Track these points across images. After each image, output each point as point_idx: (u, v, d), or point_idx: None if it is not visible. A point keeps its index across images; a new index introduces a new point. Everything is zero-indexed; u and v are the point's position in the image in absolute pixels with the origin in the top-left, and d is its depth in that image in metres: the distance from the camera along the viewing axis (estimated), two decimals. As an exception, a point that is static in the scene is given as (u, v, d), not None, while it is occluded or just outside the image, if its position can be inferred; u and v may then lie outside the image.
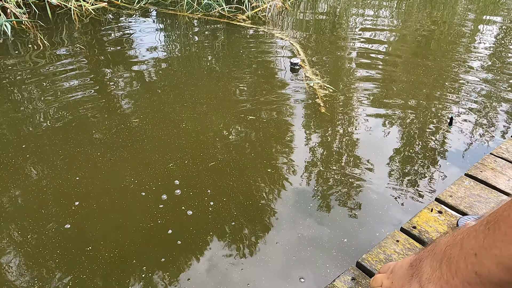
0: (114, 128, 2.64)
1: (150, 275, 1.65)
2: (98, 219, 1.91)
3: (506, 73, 3.79)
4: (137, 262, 1.70)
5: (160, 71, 3.63)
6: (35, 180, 2.16)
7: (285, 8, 5.66)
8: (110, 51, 3.97)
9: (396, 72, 3.72)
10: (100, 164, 2.29)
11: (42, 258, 1.71)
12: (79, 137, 2.54)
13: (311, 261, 1.71)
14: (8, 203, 2.01)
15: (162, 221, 1.90)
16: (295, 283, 1.62)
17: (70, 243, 1.78)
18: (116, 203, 2.01)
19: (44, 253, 1.73)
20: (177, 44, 4.43)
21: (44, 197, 2.04)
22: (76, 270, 1.65)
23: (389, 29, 5.12)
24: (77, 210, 1.95)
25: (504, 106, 3.17)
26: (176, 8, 5.35)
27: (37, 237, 1.81)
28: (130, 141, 2.51)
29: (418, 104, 3.12)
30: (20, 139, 2.51)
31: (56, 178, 2.17)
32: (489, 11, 6.30)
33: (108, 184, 2.14)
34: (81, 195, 2.05)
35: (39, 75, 3.37)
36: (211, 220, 1.92)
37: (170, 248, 1.77)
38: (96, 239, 1.80)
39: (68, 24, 4.62)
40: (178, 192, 2.07)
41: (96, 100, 3.01)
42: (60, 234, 1.82)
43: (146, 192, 2.08)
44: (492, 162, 1.77)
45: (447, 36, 4.91)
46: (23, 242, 1.79)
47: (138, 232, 1.84)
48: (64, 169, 2.24)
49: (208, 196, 2.05)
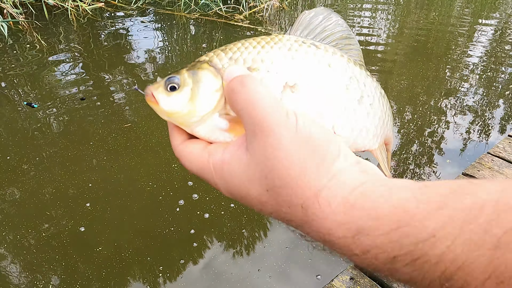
0: (114, 133, 2.63)
1: (168, 275, 1.65)
2: (110, 222, 1.90)
3: (503, 73, 3.80)
4: (153, 262, 1.70)
5: (158, 71, 3.62)
6: (42, 183, 2.15)
7: (283, 8, 5.66)
8: (107, 51, 3.96)
9: (393, 72, 3.72)
10: (108, 167, 2.28)
11: (61, 258, 1.70)
12: (80, 139, 2.53)
13: (310, 261, 1.71)
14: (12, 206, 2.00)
15: (178, 222, 1.89)
16: (295, 282, 1.62)
17: (82, 245, 1.77)
18: (128, 206, 2.00)
19: (65, 253, 1.73)
20: (174, 44, 4.43)
21: (57, 202, 2.03)
22: (88, 270, 1.65)
23: (386, 28, 5.13)
24: (92, 212, 1.95)
25: (500, 106, 3.18)
26: (173, 8, 5.34)
27: (58, 239, 1.81)
28: (132, 142, 2.50)
29: (415, 104, 3.12)
30: (20, 141, 2.50)
31: (66, 182, 2.16)
32: (486, 11, 6.32)
33: (121, 187, 2.14)
34: (92, 199, 2.04)
35: (37, 75, 3.36)
36: (226, 221, 1.92)
37: (188, 249, 1.77)
38: (110, 241, 1.80)
39: (65, 25, 4.61)
40: (196, 196, 2.07)
41: (94, 100, 3.00)
42: (75, 236, 1.81)
43: (161, 193, 2.07)
44: (489, 161, 1.78)
45: (445, 36, 4.93)
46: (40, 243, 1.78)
47: (158, 235, 1.84)
48: (75, 171, 2.23)
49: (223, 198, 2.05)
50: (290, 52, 0.42)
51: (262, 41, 0.43)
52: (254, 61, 0.41)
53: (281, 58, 0.41)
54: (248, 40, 0.44)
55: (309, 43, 0.43)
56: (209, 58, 0.42)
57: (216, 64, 0.41)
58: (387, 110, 0.50)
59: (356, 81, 0.44)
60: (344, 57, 0.45)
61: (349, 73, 0.44)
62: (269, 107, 0.34)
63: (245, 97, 0.34)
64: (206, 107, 0.39)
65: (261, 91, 0.34)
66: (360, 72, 0.46)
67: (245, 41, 0.44)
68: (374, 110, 0.46)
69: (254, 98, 0.34)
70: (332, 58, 0.43)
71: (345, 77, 0.43)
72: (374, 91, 0.47)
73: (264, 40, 0.43)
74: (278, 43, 0.42)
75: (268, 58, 0.41)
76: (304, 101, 0.40)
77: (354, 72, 0.45)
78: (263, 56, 0.41)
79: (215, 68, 0.40)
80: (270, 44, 0.42)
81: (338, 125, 0.42)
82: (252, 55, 0.41)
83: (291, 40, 0.43)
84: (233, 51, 0.42)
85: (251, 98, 0.34)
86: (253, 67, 0.40)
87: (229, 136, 0.39)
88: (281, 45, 0.42)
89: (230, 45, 0.43)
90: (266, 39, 0.43)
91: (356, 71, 0.45)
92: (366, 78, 0.46)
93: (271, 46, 0.42)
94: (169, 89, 0.39)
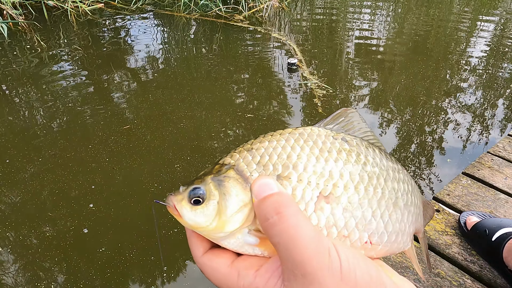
0: (114, 135, 2.64)
1: (172, 275, 1.66)
2: (114, 223, 1.91)
3: (502, 72, 3.82)
4: (157, 262, 1.71)
5: (158, 71, 3.63)
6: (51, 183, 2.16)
7: (282, 8, 5.67)
8: (107, 52, 3.97)
9: (393, 71, 3.74)
10: (111, 168, 2.29)
11: (64, 258, 1.72)
12: (80, 140, 2.54)
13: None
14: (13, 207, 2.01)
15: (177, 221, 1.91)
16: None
17: (86, 246, 1.78)
18: (132, 206, 2.02)
19: (68, 254, 1.74)
20: (174, 45, 4.43)
21: (60, 202, 2.04)
22: (92, 270, 1.66)
23: (386, 28, 5.14)
24: (95, 213, 1.96)
25: (500, 105, 3.20)
26: (173, 8, 5.35)
27: (64, 239, 1.82)
28: (134, 144, 2.51)
29: (415, 103, 3.14)
30: (20, 141, 2.51)
31: (70, 182, 2.17)
32: (486, 7, 6.34)
33: (124, 188, 2.15)
34: (96, 200, 2.06)
35: (37, 76, 3.36)
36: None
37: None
38: (114, 241, 1.81)
39: (65, 25, 4.61)
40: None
41: (95, 101, 3.01)
42: (78, 236, 1.83)
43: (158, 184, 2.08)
44: (489, 160, 1.79)
45: (444, 35, 4.94)
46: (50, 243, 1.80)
47: (162, 235, 1.85)
48: (78, 172, 2.24)
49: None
50: (322, 153, 0.38)
51: (290, 137, 0.39)
52: (285, 167, 0.37)
53: (314, 162, 0.37)
54: (274, 136, 0.40)
55: (340, 139, 0.40)
56: (235, 162, 0.38)
57: (243, 171, 0.37)
58: (419, 202, 0.47)
59: (391, 181, 0.41)
60: (376, 152, 0.42)
61: (384, 173, 0.41)
62: (311, 246, 0.30)
63: (282, 231, 0.31)
64: (235, 224, 0.35)
65: (300, 225, 0.31)
66: (393, 167, 0.43)
67: (271, 137, 0.40)
68: (409, 209, 0.43)
69: (293, 235, 0.31)
70: (367, 155, 0.40)
71: (381, 179, 0.40)
72: (407, 188, 0.43)
73: (293, 136, 0.39)
74: (308, 140, 0.39)
75: (299, 163, 0.37)
76: (339, 214, 0.36)
77: (388, 169, 0.41)
78: (293, 160, 0.37)
79: (242, 177, 0.37)
80: (299, 142, 0.39)
81: (375, 235, 0.38)
82: (281, 159, 0.37)
83: (321, 136, 0.40)
84: (260, 153, 0.38)
85: (290, 234, 0.31)
86: (284, 175, 0.37)
87: (259, 250, 0.36)
88: (311, 144, 0.39)
89: (256, 143, 0.40)
90: (294, 135, 0.39)
91: (390, 167, 0.42)
92: (399, 173, 0.43)
93: (301, 145, 0.38)
94: (193, 202, 0.36)
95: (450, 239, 1.39)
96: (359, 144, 0.41)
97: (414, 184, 0.46)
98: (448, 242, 1.38)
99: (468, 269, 1.29)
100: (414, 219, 0.44)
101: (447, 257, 1.33)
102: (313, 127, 0.41)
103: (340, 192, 0.37)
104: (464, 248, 1.35)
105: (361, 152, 0.40)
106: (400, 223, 0.41)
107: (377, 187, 0.39)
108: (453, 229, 1.43)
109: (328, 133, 0.40)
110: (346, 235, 0.37)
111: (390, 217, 0.39)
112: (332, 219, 0.36)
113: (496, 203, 1.54)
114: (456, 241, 1.39)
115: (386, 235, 0.39)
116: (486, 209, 1.51)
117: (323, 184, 0.36)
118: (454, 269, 1.28)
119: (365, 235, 0.37)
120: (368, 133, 0.43)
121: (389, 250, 0.40)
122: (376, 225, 0.38)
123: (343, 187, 0.37)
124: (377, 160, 0.41)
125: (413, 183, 0.46)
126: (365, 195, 0.38)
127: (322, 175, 0.37)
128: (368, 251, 0.38)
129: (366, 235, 0.37)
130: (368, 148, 0.41)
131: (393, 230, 0.40)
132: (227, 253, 0.37)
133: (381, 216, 0.38)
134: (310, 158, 0.37)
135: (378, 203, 0.39)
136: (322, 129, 0.41)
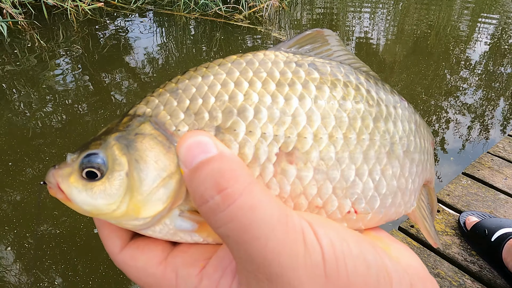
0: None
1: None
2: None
3: (502, 73, 3.82)
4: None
5: (157, 71, 3.63)
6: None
7: (282, 7, 5.67)
8: (106, 51, 3.97)
9: (394, 71, 3.73)
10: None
11: (67, 259, 1.72)
12: (80, 141, 2.54)
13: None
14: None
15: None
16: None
17: (88, 246, 1.78)
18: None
19: (72, 254, 1.74)
20: (174, 44, 4.43)
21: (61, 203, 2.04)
22: (94, 270, 1.66)
23: (386, 28, 5.14)
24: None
25: (500, 105, 3.20)
26: (173, 8, 5.34)
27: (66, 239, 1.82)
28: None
29: (415, 103, 3.14)
30: (20, 141, 2.51)
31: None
32: (487, 6, 6.34)
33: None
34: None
35: (37, 75, 3.36)
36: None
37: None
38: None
39: (65, 25, 4.61)
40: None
41: (94, 101, 3.00)
42: (81, 237, 1.83)
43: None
44: (489, 160, 1.79)
45: (445, 35, 4.94)
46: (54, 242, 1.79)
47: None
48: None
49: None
50: (280, 88, 0.26)
51: (233, 68, 0.27)
52: (227, 114, 0.25)
53: (269, 103, 0.26)
54: (210, 69, 0.28)
55: (307, 65, 0.28)
56: (152, 111, 0.26)
57: (164, 124, 0.25)
58: (427, 144, 0.35)
59: (383, 120, 0.29)
60: (362, 79, 0.30)
61: (373, 110, 0.29)
62: (276, 235, 0.20)
63: (230, 219, 0.20)
64: (156, 205, 0.24)
65: (256, 205, 0.21)
66: (387, 99, 0.31)
67: (206, 70, 0.28)
68: (412, 157, 0.31)
69: (247, 222, 0.20)
70: (347, 84, 0.29)
71: (368, 119, 0.28)
72: (409, 127, 0.32)
73: (237, 67, 0.27)
74: (259, 71, 0.27)
75: (248, 106, 0.25)
76: (309, 177, 0.26)
77: (379, 104, 0.30)
78: (239, 101, 0.26)
79: (163, 133, 0.25)
80: (247, 75, 0.27)
81: (361, 201, 0.28)
82: (221, 101, 0.26)
83: (279, 64, 0.28)
84: (190, 95, 0.26)
85: (242, 223, 0.20)
86: (226, 126, 0.25)
87: (200, 237, 0.26)
88: (265, 75, 0.27)
89: (183, 79, 0.27)
90: (239, 64, 0.27)
91: (382, 100, 0.30)
92: (396, 109, 0.31)
93: (249, 79, 0.26)
94: (87, 177, 0.25)
95: (450, 239, 1.39)
96: (335, 71, 0.29)
97: (420, 120, 0.35)
98: (448, 242, 1.38)
99: (468, 269, 1.29)
100: (421, 168, 0.32)
101: (447, 257, 1.33)
102: (267, 51, 0.29)
103: (309, 145, 0.26)
104: (464, 248, 1.35)
105: (338, 81, 0.28)
106: (399, 178, 0.30)
107: (363, 132, 0.28)
108: (453, 229, 1.43)
109: (289, 58, 0.28)
110: (320, 205, 0.26)
111: (383, 173, 0.28)
112: (299, 186, 0.26)
113: (496, 203, 1.54)
114: (456, 241, 1.38)
115: (377, 199, 0.28)
116: (486, 209, 1.51)
117: (284, 136, 0.25)
118: (454, 269, 1.28)
119: (347, 202, 0.27)
120: (351, 58, 0.31)
121: (384, 218, 0.30)
122: (362, 187, 0.27)
123: (312, 138, 0.26)
124: (362, 92, 0.29)
125: (417, 118, 0.34)
126: (344, 146, 0.27)
127: (281, 122, 0.25)
128: (352, 223, 0.28)
129: (349, 202, 0.27)
130: (349, 75, 0.29)
131: (388, 191, 0.29)
132: (157, 243, 0.26)
133: (369, 174, 0.28)
134: (263, 98, 0.26)
135: (364, 155, 0.28)
136: (280, 53, 0.28)
